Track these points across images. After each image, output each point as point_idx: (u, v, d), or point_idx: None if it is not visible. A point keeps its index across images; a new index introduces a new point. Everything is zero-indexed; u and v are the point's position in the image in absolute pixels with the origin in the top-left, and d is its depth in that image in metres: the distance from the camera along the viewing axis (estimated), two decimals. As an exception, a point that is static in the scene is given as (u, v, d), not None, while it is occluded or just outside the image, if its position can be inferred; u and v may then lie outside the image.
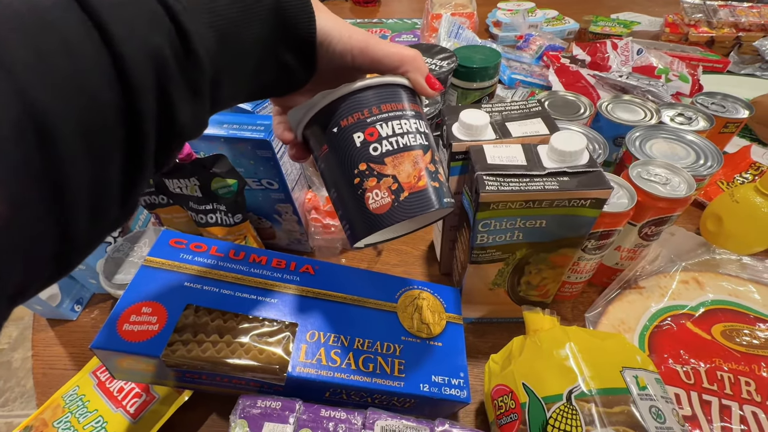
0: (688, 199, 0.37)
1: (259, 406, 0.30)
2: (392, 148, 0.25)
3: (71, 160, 0.14)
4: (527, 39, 0.89)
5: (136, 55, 0.15)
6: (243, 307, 0.33)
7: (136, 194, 0.18)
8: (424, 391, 0.33)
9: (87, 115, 0.14)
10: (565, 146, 0.31)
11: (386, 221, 0.25)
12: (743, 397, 0.36)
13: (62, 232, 0.15)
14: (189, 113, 0.18)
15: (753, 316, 0.42)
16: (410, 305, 0.38)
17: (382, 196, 0.25)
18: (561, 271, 0.38)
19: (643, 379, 0.28)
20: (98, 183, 0.16)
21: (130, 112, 0.16)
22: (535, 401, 0.28)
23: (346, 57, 0.24)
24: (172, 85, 0.17)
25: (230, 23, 0.19)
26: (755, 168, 0.57)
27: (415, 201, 0.24)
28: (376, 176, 0.25)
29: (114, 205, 0.17)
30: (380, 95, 0.25)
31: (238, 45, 0.20)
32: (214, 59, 0.19)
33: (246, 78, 0.22)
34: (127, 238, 0.48)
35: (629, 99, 0.55)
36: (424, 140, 0.26)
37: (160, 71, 0.16)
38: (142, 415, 0.37)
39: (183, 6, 0.17)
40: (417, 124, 0.26)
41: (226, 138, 0.41)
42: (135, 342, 0.29)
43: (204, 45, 0.18)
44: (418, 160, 0.25)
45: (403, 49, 0.26)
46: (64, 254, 0.16)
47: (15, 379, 1.22)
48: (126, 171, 0.17)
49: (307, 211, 0.51)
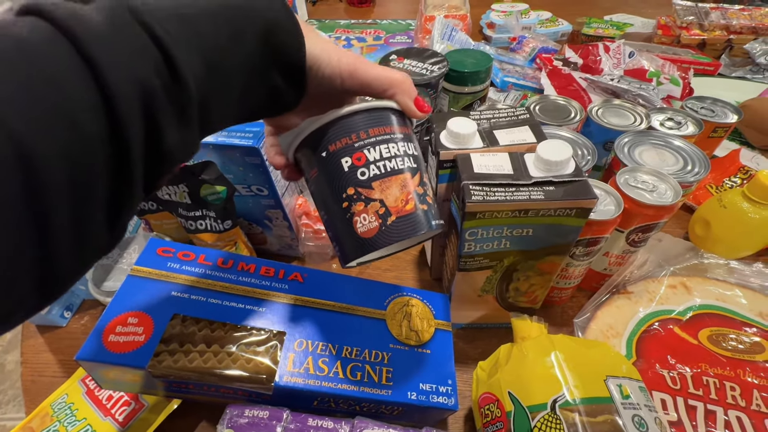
0: (674, 206, 0.37)
1: (247, 415, 0.30)
2: (380, 172, 0.25)
3: (54, 190, 0.14)
4: (520, 41, 0.89)
5: (122, 86, 0.16)
6: (231, 317, 0.33)
7: (124, 220, 0.18)
8: (412, 399, 0.33)
9: (71, 146, 0.15)
10: (551, 156, 0.31)
11: (374, 245, 0.25)
12: (728, 402, 0.36)
13: (44, 261, 0.15)
14: (177, 139, 0.18)
15: (739, 321, 0.42)
16: (399, 312, 0.38)
17: (369, 220, 0.25)
18: (549, 277, 0.38)
19: (626, 388, 0.28)
20: (83, 212, 0.16)
21: (116, 141, 0.16)
22: (520, 410, 0.29)
23: (335, 80, 0.25)
24: (159, 113, 0.17)
25: (218, 50, 0.19)
26: (744, 172, 0.58)
27: (403, 225, 0.25)
28: (363, 200, 0.25)
29: (101, 232, 0.17)
30: (368, 120, 0.26)
31: (227, 71, 0.20)
32: (202, 85, 0.19)
33: (235, 102, 0.22)
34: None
35: (619, 103, 0.55)
36: (412, 163, 0.26)
37: (147, 99, 0.16)
38: (131, 423, 0.37)
39: (170, 35, 0.17)
40: (405, 147, 0.26)
41: (215, 145, 0.41)
42: (121, 353, 0.29)
43: (192, 72, 0.18)
44: (406, 184, 0.25)
45: (392, 72, 0.26)
46: (48, 284, 0.16)
47: (9, 381, 1.22)
48: (113, 199, 0.17)
49: (297, 216, 0.51)
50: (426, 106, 0.28)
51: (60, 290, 0.17)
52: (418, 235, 0.25)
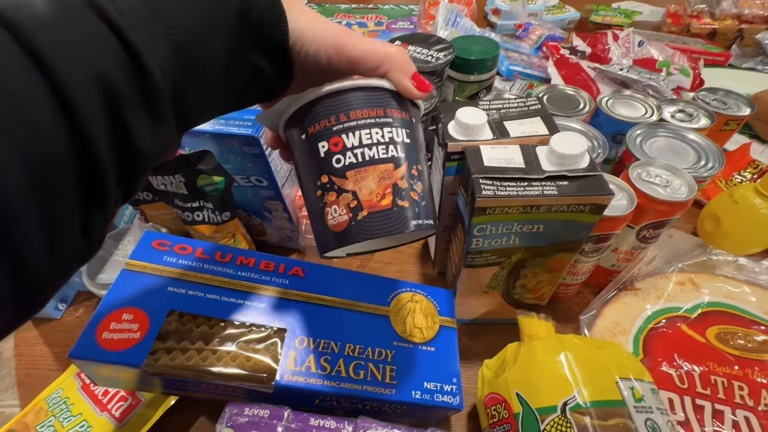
0: (688, 202, 0.36)
1: (247, 414, 0.29)
2: (355, 160, 0.23)
3: (14, 196, 0.13)
4: (527, 28, 0.86)
5: (77, 81, 0.14)
6: (229, 312, 0.32)
7: (100, 224, 0.17)
8: (416, 398, 0.32)
9: (27, 149, 0.13)
10: (565, 149, 0.30)
11: (344, 240, 0.23)
12: (736, 402, 0.36)
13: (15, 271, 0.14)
14: (149, 136, 0.17)
15: (748, 319, 0.41)
16: (403, 309, 0.37)
17: (339, 213, 0.23)
18: (558, 274, 0.37)
19: (639, 391, 0.27)
20: (51, 217, 0.14)
21: (79, 141, 0.14)
22: (529, 412, 0.28)
23: (321, 58, 0.22)
24: (125, 109, 0.16)
25: (189, 34, 0.17)
26: (754, 166, 0.57)
27: (375, 222, 0.22)
28: (336, 190, 0.23)
29: (74, 237, 0.16)
30: (351, 100, 0.23)
31: (201, 57, 0.18)
32: (172, 75, 0.17)
33: (215, 91, 0.20)
34: (111, 236, 0.46)
35: (630, 94, 0.53)
36: (399, 152, 0.23)
37: (109, 94, 0.15)
38: (128, 418, 0.37)
39: (130, 22, 0.15)
40: (394, 133, 0.23)
41: (212, 133, 0.39)
42: (115, 351, 0.28)
43: (157, 62, 0.16)
44: (386, 176, 0.23)
45: (385, 46, 0.23)
46: (24, 296, 0.15)
47: (6, 369, 1.21)
48: (84, 202, 0.15)
49: (297, 208, 0.49)
50: (426, 84, 0.24)
51: (39, 301, 0.16)
52: (394, 234, 0.22)
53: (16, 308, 0.15)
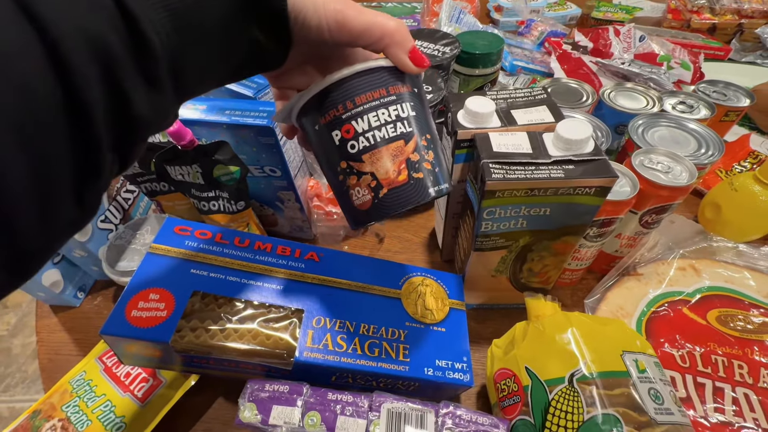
0: (689, 187, 0.37)
1: (267, 389, 0.31)
2: (369, 144, 0.24)
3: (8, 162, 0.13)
4: (529, 25, 0.87)
5: (73, 42, 0.14)
6: (249, 294, 0.33)
7: (95, 192, 0.17)
8: (428, 375, 0.34)
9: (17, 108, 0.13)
10: (570, 134, 0.31)
11: (371, 217, 0.25)
12: (736, 380, 0.37)
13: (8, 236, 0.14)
14: (147, 104, 0.17)
15: (747, 302, 0.43)
16: (414, 292, 0.38)
17: (363, 193, 0.25)
18: (563, 258, 0.39)
19: (642, 363, 0.29)
20: (42, 181, 0.14)
21: (74, 105, 0.14)
22: (538, 384, 0.29)
23: (323, 32, 0.22)
24: (122, 76, 0.15)
25: (187, 2, 0.17)
26: (754, 157, 0.58)
27: (396, 196, 0.24)
28: (356, 174, 0.25)
29: (67, 204, 0.16)
30: (354, 87, 0.24)
31: (199, 26, 0.18)
32: (170, 44, 0.17)
33: (214, 60, 0.20)
34: (129, 226, 0.48)
35: (631, 87, 0.55)
36: (406, 127, 0.24)
37: (106, 60, 0.15)
38: (150, 399, 0.38)
39: None
40: (399, 109, 0.24)
41: (228, 125, 0.41)
42: (144, 328, 0.30)
43: (155, 29, 0.16)
44: (399, 153, 0.24)
45: (384, 19, 0.23)
46: (16, 260, 0.15)
47: (16, 365, 1.23)
48: (78, 168, 0.15)
49: (309, 198, 0.51)
50: (423, 58, 0.24)
51: (30, 267, 0.16)
52: (414, 204, 0.24)
53: (7, 274, 0.15)
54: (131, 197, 0.52)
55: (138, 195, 0.54)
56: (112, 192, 0.50)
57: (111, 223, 0.49)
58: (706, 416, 0.35)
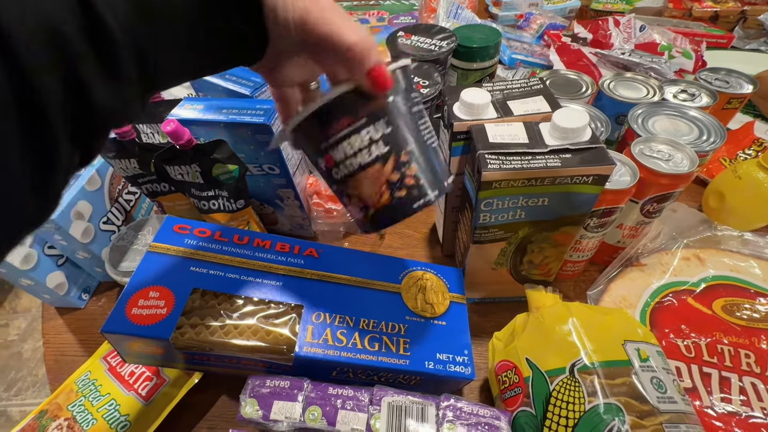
0: (690, 174, 0.37)
1: (268, 385, 0.31)
2: (348, 171, 0.25)
3: None
4: (527, 18, 0.87)
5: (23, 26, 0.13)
6: (248, 290, 0.34)
7: (54, 184, 0.16)
8: (429, 368, 0.33)
9: None
10: (567, 123, 0.31)
11: (366, 229, 0.27)
12: (743, 369, 0.37)
13: None
14: (108, 93, 0.16)
15: (753, 291, 0.42)
16: (414, 286, 0.38)
17: (356, 211, 0.27)
18: (563, 249, 0.38)
19: (645, 352, 0.28)
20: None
21: (23, 92, 0.14)
22: (539, 375, 0.29)
23: (290, 29, 0.21)
24: (78, 61, 0.15)
25: None
26: (758, 144, 0.57)
27: (383, 215, 0.26)
28: (346, 196, 0.26)
29: (24, 197, 0.15)
30: (322, 119, 0.24)
31: (164, 13, 0.17)
32: (132, 31, 0.16)
33: (184, 50, 0.19)
34: (131, 227, 0.48)
35: (631, 76, 0.54)
36: (381, 148, 0.24)
37: (60, 45, 0.14)
38: (154, 397, 0.38)
39: None
40: (371, 131, 0.24)
41: (225, 123, 0.41)
42: (144, 325, 0.30)
43: (114, 15, 0.15)
44: (378, 176, 0.24)
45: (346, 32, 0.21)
46: None
47: (26, 369, 1.25)
48: (31, 159, 0.15)
49: (308, 196, 0.51)
50: (385, 80, 0.22)
51: None
52: (402, 219, 0.26)
53: None
54: (133, 199, 0.53)
55: (139, 196, 0.54)
56: (114, 194, 0.50)
57: (113, 225, 0.49)
58: (712, 406, 0.35)
